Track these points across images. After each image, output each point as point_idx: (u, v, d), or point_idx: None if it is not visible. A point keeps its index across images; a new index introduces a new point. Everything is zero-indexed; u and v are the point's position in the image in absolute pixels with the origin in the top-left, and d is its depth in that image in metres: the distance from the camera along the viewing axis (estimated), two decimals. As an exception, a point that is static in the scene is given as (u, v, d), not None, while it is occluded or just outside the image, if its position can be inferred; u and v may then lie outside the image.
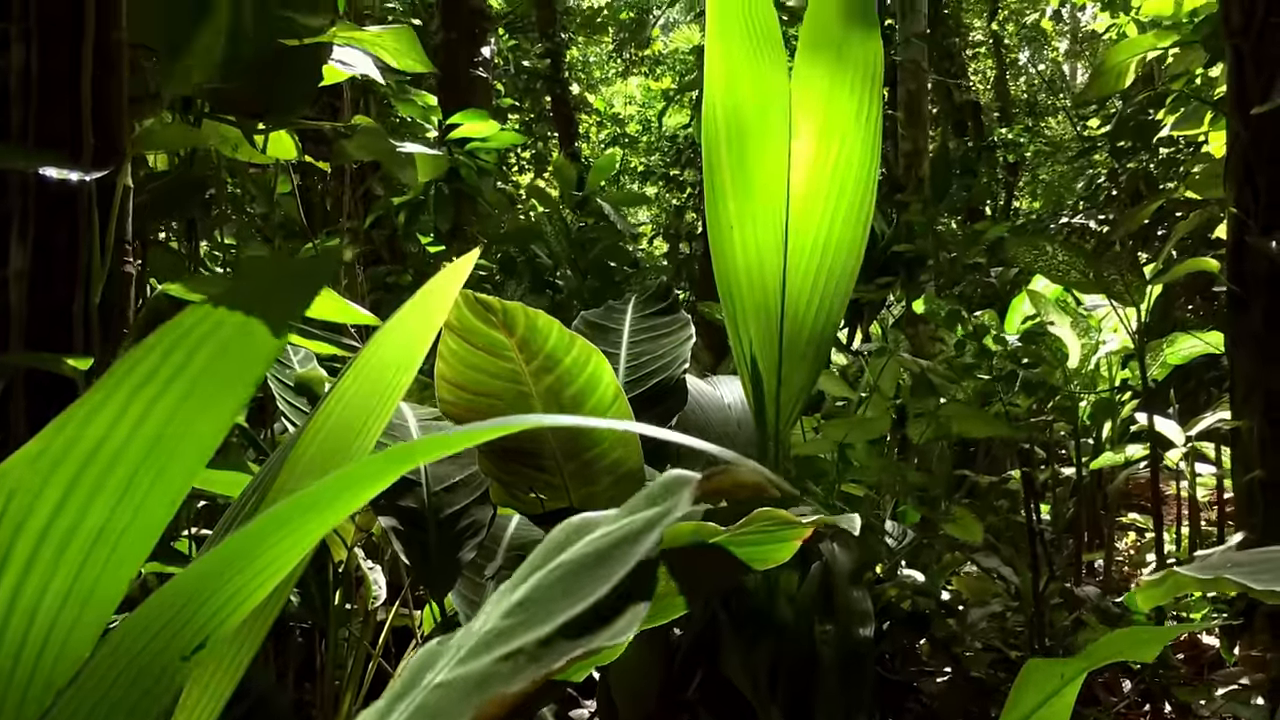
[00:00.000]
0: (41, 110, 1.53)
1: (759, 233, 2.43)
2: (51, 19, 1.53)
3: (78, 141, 1.55)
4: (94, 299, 1.56)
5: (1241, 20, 3.28)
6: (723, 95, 2.38)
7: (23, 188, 1.54)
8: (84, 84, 1.54)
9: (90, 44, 1.54)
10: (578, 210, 7.28)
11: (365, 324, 2.59)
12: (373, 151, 3.02)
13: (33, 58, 1.52)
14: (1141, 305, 3.59)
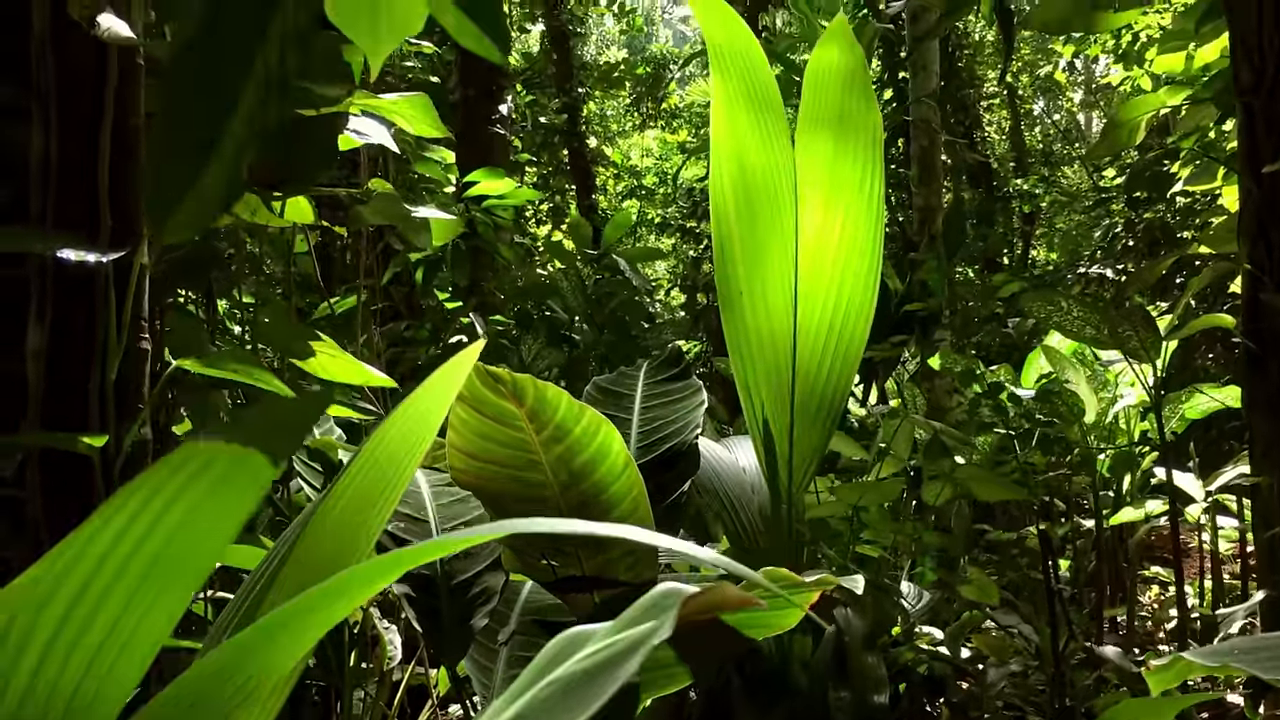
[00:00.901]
0: (60, 194, 1.56)
1: (769, 297, 2.44)
2: (72, 107, 1.57)
3: (95, 224, 1.58)
4: (110, 376, 1.58)
5: (1252, 79, 3.29)
6: (729, 165, 2.41)
7: (41, 269, 1.57)
8: (102, 169, 1.57)
9: (108, 130, 1.57)
10: (594, 265, 7.32)
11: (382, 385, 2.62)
12: (388, 216, 3.06)
13: (52, 144, 1.56)
14: (1158, 361, 3.58)
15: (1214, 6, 3.90)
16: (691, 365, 2.71)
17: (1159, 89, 4.55)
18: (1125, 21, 3.89)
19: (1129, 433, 4.38)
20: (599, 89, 16.77)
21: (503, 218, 6.55)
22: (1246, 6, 3.28)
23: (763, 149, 2.41)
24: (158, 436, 1.95)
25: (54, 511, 1.70)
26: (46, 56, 1.56)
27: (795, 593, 1.13)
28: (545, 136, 14.57)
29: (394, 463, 1.07)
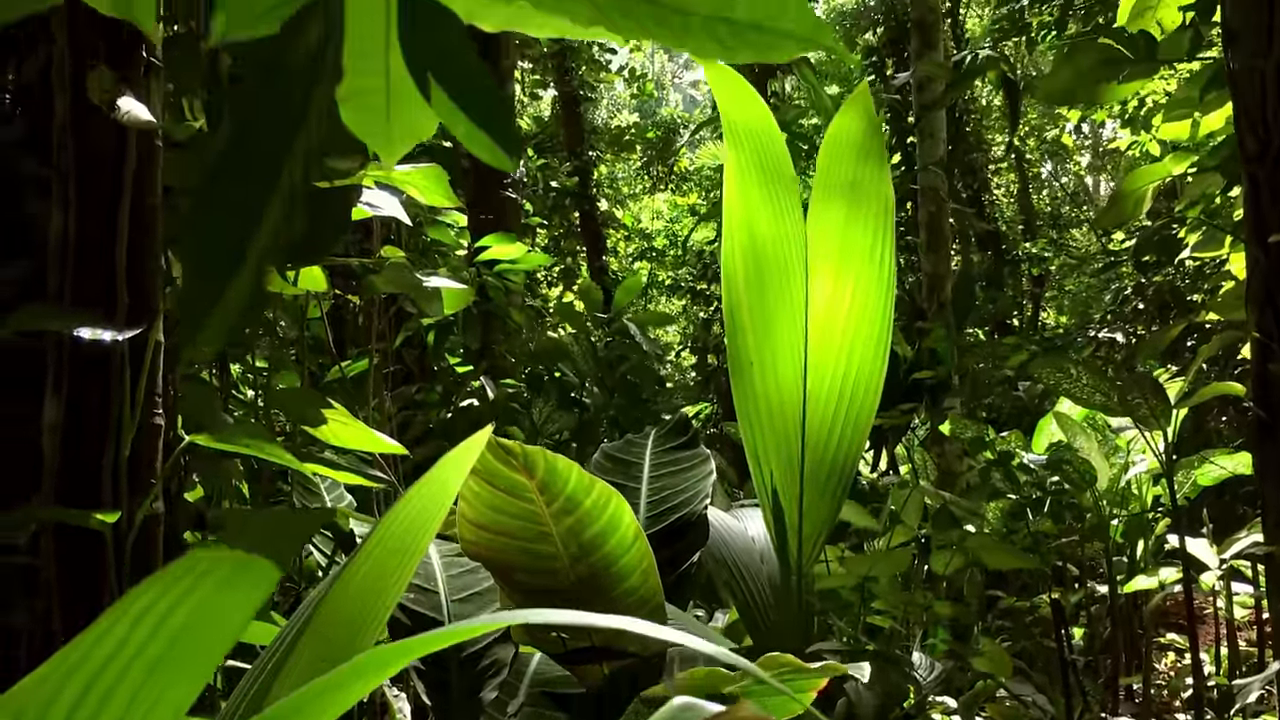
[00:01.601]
0: (78, 271, 1.59)
1: (778, 367, 2.46)
2: (91, 187, 1.60)
3: (112, 301, 1.60)
4: (123, 452, 1.60)
5: (1257, 148, 3.31)
6: (740, 235, 2.44)
7: (59, 343, 1.59)
8: (120, 247, 1.60)
9: (127, 209, 1.60)
10: (605, 328, 7.35)
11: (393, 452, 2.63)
12: (400, 285, 3.09)
13: (71, 223, 1.59)
14: (1168, 428, 3.57)
15: (1218, 76, 3.94)
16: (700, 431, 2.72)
17: (1165, 154, 4.59)
18: (1130, 93, 3.93)
19: (1141, 499, 4.35)
20: (610, 153, 16.93)
21: (514, 281, 6.59)
22: (1250, 78, 3.31)
23: (773, 220, 2.44)
24: (169, 504, 1.96)
25: (66, 580, 1.71)
26: (67, 139, 1.60)
27: (803, 679, 1.13)
28: (556, 199, 14.69)
29: (407, 541, 1.08)
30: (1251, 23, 3.30)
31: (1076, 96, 3.73)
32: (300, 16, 0.57)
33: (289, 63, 0.56)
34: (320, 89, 0.57)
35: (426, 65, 0.63)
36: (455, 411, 6.07)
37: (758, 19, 0.60)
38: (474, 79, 0.64)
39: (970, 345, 7.51)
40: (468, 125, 0.66)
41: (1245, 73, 3.33)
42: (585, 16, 0.59)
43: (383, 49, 0.64)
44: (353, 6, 0.61)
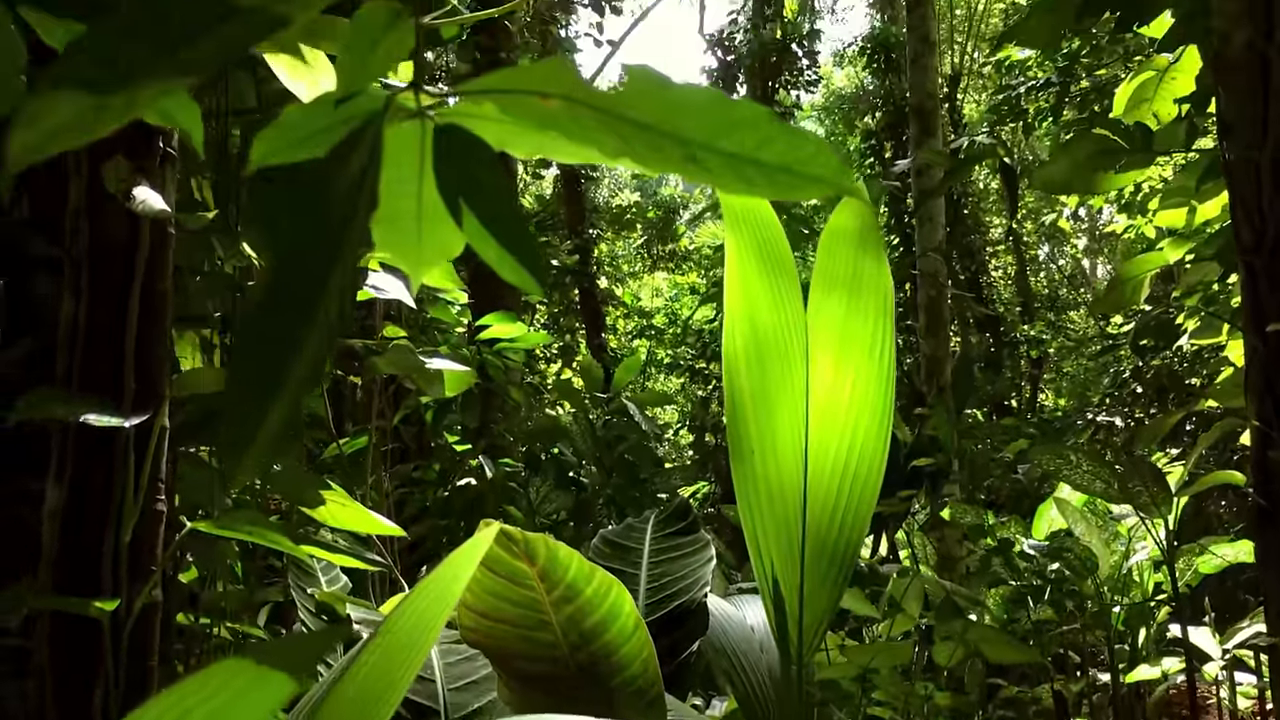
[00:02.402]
0: (86, 357, 1.60)
1: (779, 454, 2.46)
2: (103, 274, 1.62)
3: (119, 387, 1.61)
4: (124, 538, 1.59)
5: (1253, 238, 3.35)
6: (742, 322, 2.45)
7: (63, 430, 1.60)
8: (129, 333, 1.61)
9: (137, 297, 1.62)
10: (604, 406, 7.36)
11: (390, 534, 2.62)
12: (402, 367, 3.10)
13: (82, 309, 1.60)
14: (1169, 516, 3.57)
15: (1213, 166, 3.99)
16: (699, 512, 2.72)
17: (1162, 239, 4.63)
18: (1126, 183, 3.99)
19: (1143, 586, 4.33)
20: (610, 231, 17.08)
21: (514, 360, 6.61)
22: (1245, 169, 3.35)
23: (774, 307, 2.45)
24: (164, 586, 1.95)
25: (59, 664, 1.69)
26: (81, 224, 1.61)
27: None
28: (557, 277, 14.79)
29: (413, 638, 1.07)
30: (1246, 115, 3.34)
31: (1073, 186, 3.78)
32: (346, 145, 0.59)
33: (331, 193, 0.57)
34: (358, 220, 0.58)
35: (459, 192, 0.64)
36: (452, 490, 6.05)
37: (787, 163, 0.62)
38: (504, 206, 0.65)
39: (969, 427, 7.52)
40: (498, 250, 0.67)
41: (1240, 164, 3.38)
42: (612, 148, 0.61)
43: (416, 175, 0.66)
44: (391, 135, 0.62)
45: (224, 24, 0.52)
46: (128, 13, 0.50)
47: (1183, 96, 4.07)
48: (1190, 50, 4.00)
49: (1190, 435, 8.44)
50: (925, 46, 8.08)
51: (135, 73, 0.48)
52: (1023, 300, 17.13)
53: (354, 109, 0.61)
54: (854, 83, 20.38)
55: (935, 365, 6.24)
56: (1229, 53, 3.31)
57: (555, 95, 0.59)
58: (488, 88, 0.61)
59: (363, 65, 0.60)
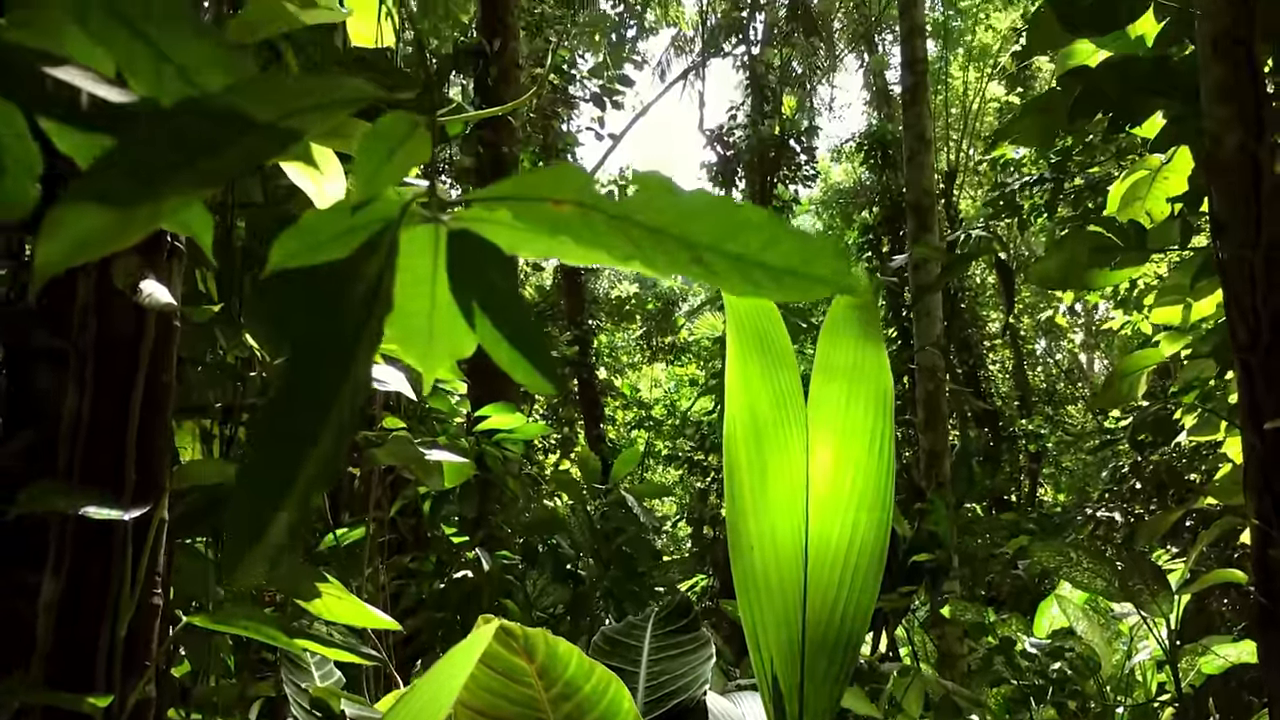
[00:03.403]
0: (88, 449, 1.60)
1: (779, 550, 2.44)
2: (108, 367, 1.62)
3: (120, 479, 1.61)
4: (120, 633, 1.58)
5: (1248, 337, 3.36)
6: (741, 415, 2.46)
7: (62, 522, 1.59)
8: (131, 426, 1.61)
9: (140, 390, 1.62)
10: (602, 497, 7.32)
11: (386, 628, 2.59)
12: (402, 458, 3.10)
13: (85, 402, 1.61)
14: (1171, 614, 3.54)
15: (1208, 264, 4.03)
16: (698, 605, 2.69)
17: (1158, 334, 4.66)
18: (1121, 280, 4.03)
19: (1146, 686, 4.27)
20: (610, 322, 17.18)
21: (512, 450, 6.59)
22: (1239, 268, 3.38)
23: (774, 401, 2.46)
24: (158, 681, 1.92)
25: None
26: (89, 320, 1.63)
27: None
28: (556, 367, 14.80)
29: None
30: (1239, 215, 3.38)
31: (1069, 282, 3.81)
32: (363, 251, 0.60)
33: (347, 297, 0.59)
34: (372, 323, 0.59)
35: (472, 295, 0.66)
36: (449, 583, 6.00)
37: (793, 265, 0.63)
38: (517, 309, 0.66)
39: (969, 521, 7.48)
40: (510, 351, 0.68)
41: (1234, 262, 3.41)
42: (622, 252, 0.62)
43: (430, 277, 0.67)
44: (406, 238, 0.64)
45: (243, 137, 0.53)
46: (150, 126, 0.51)
47: (1176, 196, 4.13)
48: (1182, 150, 4.07)
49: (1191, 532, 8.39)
50: (921, 144, 8.22)
51: (159, 184, 0.50)
52: (1021, 394, 17.15)
53: (371, 214, 0.62)
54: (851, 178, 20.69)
55: (934, 459, 6.23)
56: (1220, 154, 3.36)
57: (567, 200, 0.60)
58: (501, 194, 0.62)
59: (379, 173, 0.62)
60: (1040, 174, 9.29)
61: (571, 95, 14.57)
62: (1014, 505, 13.08)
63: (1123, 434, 10.40)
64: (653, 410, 18.41)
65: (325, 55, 2.23)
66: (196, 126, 0.51)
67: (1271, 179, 3.36)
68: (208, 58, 0.59)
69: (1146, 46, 3.91)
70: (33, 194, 0.73)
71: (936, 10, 19.38)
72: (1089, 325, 20.04)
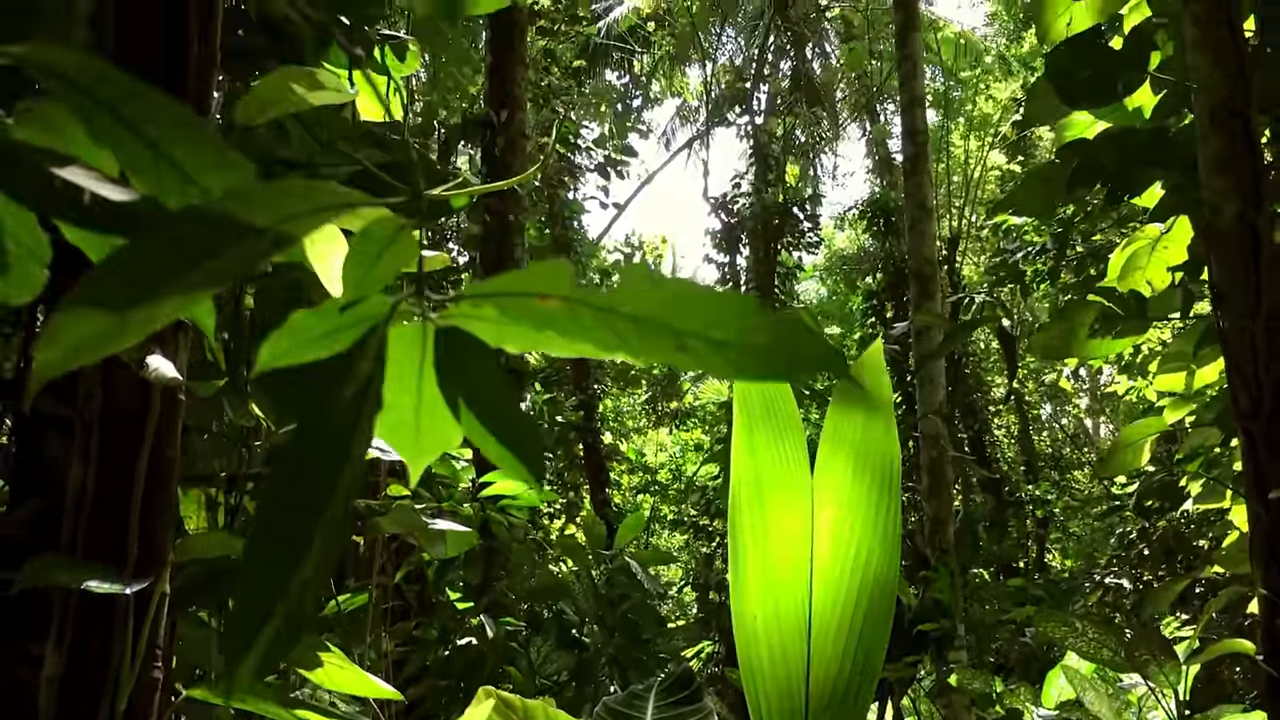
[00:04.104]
0: (92, 524, 1.61)
1: (782, 618, 2.44)
2: (113, 439, 1.64)
3: (123, 552, 1.62)
4: (120, 706, 1.58)
5: (1250, 405, 3.37)
6: (746, 483, 2.47)
7: (65, 595, 1.60)
8: (135, 499, 1.63)
9: (145, 463, 1.64)
10: (607, 563, 7.30)
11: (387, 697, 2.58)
12: (406, 526, 3.10)
13: (90, 475, 1.62)
14: (1179, 685, 3.50)
15: (1209, 332, 4.04)
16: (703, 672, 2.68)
17: (1163, 399, 4.66)
18: (1122, 348, 4.04)
19: (1157, 759, 4.22)
20: (615, 387, 17.19)
21: (517, 516, 6.58)
22: (1240, 336, 3.40)
23: (779, 472, 2.47)
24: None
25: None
26: (94, 391, 1.65)
27: None
28: (561, 433, 14.81)
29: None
30: (1238, 284, 3.40)
31: (1070, 351, 3.83)
32: (354, 351, 0.62)
33: (337, 397, 0.60)
34: (363, 422, 0.61)
35: (458, 390, 0.67)
36: (453, 650, 5.96)
37: (776, 346, 0.65)
38: (503, 404, 0.68)
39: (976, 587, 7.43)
40: (496, 446, 0.70)
41: (1235, 331, 3.42)
42: (608, 343, 0.64)
43: (417, 372, 0.69)
44: (394, 335, 0.66)
45: (241, 242, 0.55)
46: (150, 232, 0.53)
47: (1176, 265, 4.16)
48: (1181, 220, 4.10)
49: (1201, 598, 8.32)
50: (922, 213, 8.29)
51: (158, 289, 0.52)
52: (1027, 459, 17.09)
53: (359, 313, 0.64)
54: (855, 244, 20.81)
55: (938, 526, 6.21)
56: (1219, 224, 3.39)
57: (553, 296, 0.62)
58: (488, 291, 0.64)
59: (367, 276, 0.64)
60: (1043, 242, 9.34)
61: (577, 164, 14.73)
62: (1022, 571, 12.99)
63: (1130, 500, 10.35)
64: (658, 475, 18.37)
65: (333, 132, 2.28)
66: (196, 233, 0.54)
67: (1270, 249, 3.38)
68: (209, 161, 0.61)
69: (1144, 118, 3.96)
70: (40, 279, 0.76)
71: (937, 81, 19.63)
72: (1094, 390, 20.02)
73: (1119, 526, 11.51)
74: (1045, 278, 9.76)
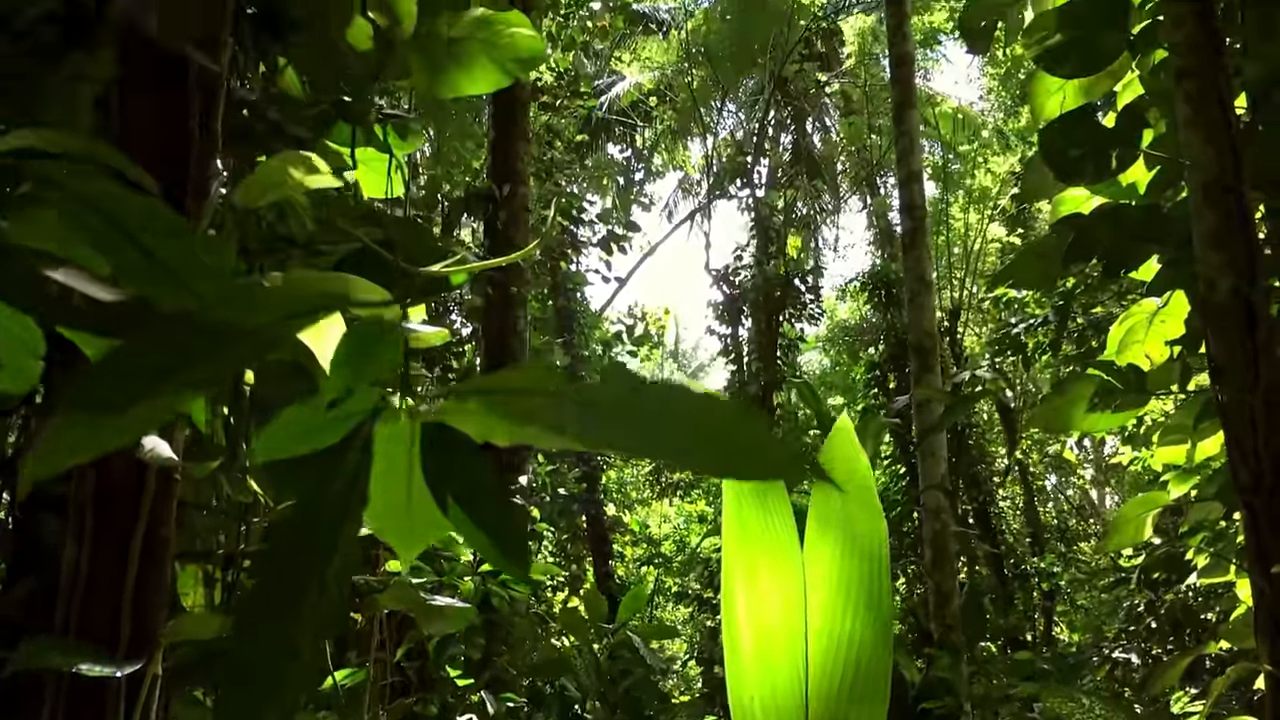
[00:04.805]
0: (85, 605, 1.61)
1: (779, 699, 2.42)
2: (107, 519, 1.64)
3: (115, 634, 1.62)
4: (110, 793, 1.57)
5: (1250, 479, 3.35)
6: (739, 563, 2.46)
7: (58, 677, 1.59)
8: (129, 579, 1.62)
9: (139, 543, 1.64)
10: (609, 637, 7.23)
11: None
12: (404, 603, 3.09)
13: (84, 555, 1.62)
14: (1189, 765, 3.46)
15: (1209, 405, 4.04)
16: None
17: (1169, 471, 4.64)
18: (1122, 422, 4.05)
19: (1167, 838, 4.15)
20: (618, 458, 17.14)
21: (519, 591, 6.53)
22: (1239, 411, 3.39)
23: (771, 550, 2.46)
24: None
25: None
26: (88, 472, 1.66)
27: None
28: (564, 504, 14.76)
29: None
30: (1236, 358, 3.41)
31: (1071, 425, 3.83)
32: (343, 445, 0.63)
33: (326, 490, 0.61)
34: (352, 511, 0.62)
35: (444, 483, 0.69)
36: (453, 730, 5.89)
37: (743, 446, 0.66)
38: (486, 496, 0.69)
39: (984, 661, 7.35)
40: (481, 538, 0.71)
41: (1234, 405, 3.42)
42: (590, 439, 0.65)
43: (406, 467, 0.70)
44: (382, 431, 0.67)
45: (233, 344, 0.56)
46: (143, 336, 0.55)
47: (1173, 339, 4.17)
48: (1178, 294, 4.12)
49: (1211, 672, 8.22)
50: (922, 286, 8.34)
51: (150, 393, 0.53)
52: (1032, 531, 16.99)
53: (347, 409, 0.65)
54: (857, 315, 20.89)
55: (943, 600, 6.16)
56: (1215, 298, 3.41)
57: (537, 393, 0.64)
58: (474, 388, 0.66)
59: (355, 374, 0.66)
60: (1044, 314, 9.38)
61: (579, 237, 14.85)
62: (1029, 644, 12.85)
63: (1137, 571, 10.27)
64: (662, 547, 18.26)
65: (333, 211, 2.31)
66: (188, 335, 0.55)
67: (1267, 323, 3.40)
68: (200, 268, 0.63)
69: (1139, 193, 4.00)
70: (35, 371, 0.77)
71: (936, 154, 19.85)
72: (1099, 461, 19.94)
73: (1126, 599, 11.40)
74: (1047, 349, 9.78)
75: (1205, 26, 3.43)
